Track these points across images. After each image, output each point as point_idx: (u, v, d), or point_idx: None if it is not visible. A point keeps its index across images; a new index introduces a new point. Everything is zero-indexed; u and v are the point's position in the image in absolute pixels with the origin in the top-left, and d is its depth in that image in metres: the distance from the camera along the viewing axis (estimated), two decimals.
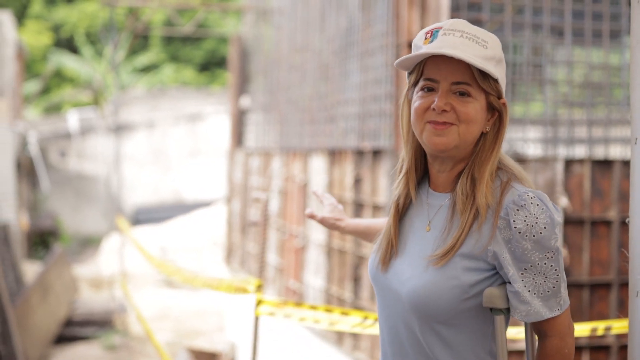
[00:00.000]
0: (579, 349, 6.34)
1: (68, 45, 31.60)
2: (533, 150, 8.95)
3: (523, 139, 7.50)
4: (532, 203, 2.05)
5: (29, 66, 28.95)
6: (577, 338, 6.28)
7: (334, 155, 7.78)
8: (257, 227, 10.30)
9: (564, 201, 6.27)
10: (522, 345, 6.03)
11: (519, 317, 2.10)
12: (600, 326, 3.75)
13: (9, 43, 18.31)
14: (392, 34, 6.73)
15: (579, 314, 6.33)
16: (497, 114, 2.14)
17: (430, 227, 2.16)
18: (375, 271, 2.23)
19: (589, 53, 6.99)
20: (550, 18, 6.84)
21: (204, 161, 24.61)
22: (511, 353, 5.99)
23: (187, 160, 24.67)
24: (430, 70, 2.10)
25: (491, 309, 2.12)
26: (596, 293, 6.38)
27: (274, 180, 9.92)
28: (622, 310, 6.25)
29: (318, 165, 8.15)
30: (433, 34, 2.10)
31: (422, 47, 2.10)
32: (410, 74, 2.18)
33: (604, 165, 6.43)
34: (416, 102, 2.12)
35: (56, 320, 11.48)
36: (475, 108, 2.08)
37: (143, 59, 29.21)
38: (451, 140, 2.08)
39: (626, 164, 6.47)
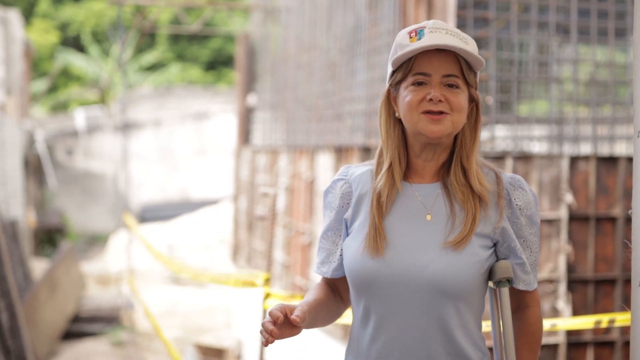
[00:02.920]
0: (583, 345, 6.38)
1: (75, 43, 31.70)
2: (538, 147, 8.99)
3: (529, 137, 7.54)
4: (522, 184, 2.32)
5: (36, 65, 29.05)
6: (581, 332, 6.33)
7: (341, 152, 7.83)
8: (265, 222, 10.36)
9: (569, 198, 6.32)
10: None
11: (523, 287, 2.33)
12: (604, 319, 3.79)
13: (17, 41, 18.39)
14: (398, 31, 6.77)
15: (583, 310, 6.37)
16: (473, 105, 2.32)
17: (432, 216, 2.28)
18: (369, 264, 2.26)
19: (594, 51, 7.03)
20: (556, 16, 6.88)
21: (210, 159, 24.67)
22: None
23: (194, 158, 24.74)
24: (422, 65, 2.24)
25: (498, 282, 2.32)
26: (601, 289, 6.42)
27: (281, 178, 9.98)
28: (627, 303, 6.29)
29: (325, 162, 8.20)
30: (418, 33, 2.24)
31: (411, 45, 2.23)
32: (394, 72, 2.30)
33: (609, 162, 6.47)
34: (408, 96, 2.25)
35: (64, 316, 11.55)
36: (464, 98, 2.25)
37: (150, 57, 29.28)
38: (446, 128, 2.23)
39: (631, 161, 6.50)
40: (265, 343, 2.14)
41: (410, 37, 2.24)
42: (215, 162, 24.54)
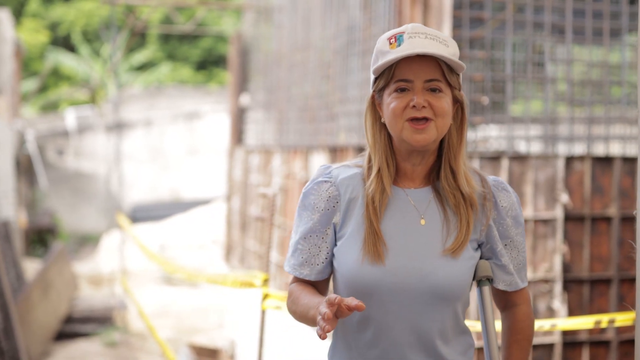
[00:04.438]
0: (579, 345, 6.40)
1: (65, 43, 31.60)
2: (531, 147, 9.01)
3: (525, 137, 7.56)
4: (505, 186, 2.37)
5: (26, 64, 28.94)
6: (576, 332, 6.35)
7: (335, 152, 7.83)
8: (262, 222, 10.35)
9: (564, 198, 6.34)
10: None
11: (503, 287, 2.38)
12: (603, 319, 3.80)
13: (7, 41, 18.32)
14: None
15: (579, 310, 6.39)
16: (458, 106, 2.32)
17: (425, 220, 2.29)
18: (370, 271, 2.25)
19: (589, 51, 7.05)
20: (552, 16, 6.89)
21: (202, 159, 24.63)
22: None
23: (185, 158, 24.70)
24: (403, 71, 2.24)
25: (479, 281, 2.38)
26: (596, 289, 6.45)
27: (274, 178, 9.97)
28: (628, 300, 6.31)
29: (319, 162, 8.20)
30: (397, 39, 2.24)
31: (391, 52, 2.23)
32: (377, 78, 2.30)
33: (604, 162, 6.49)
34: (392, 103, 2.25)
35: (57, 317, 11.52)
36: (447, 102, 2.25)
37: (140, 57, 29.21)
38: (431, 135, 2.23)
39: (626, 161, 6.54)
40: (324, 334, 2.04)
41: (390, 44, 2.24)
42: (207, 162, 24.50)
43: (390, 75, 2.26)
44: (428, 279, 2.24)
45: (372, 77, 2.31)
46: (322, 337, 2.04)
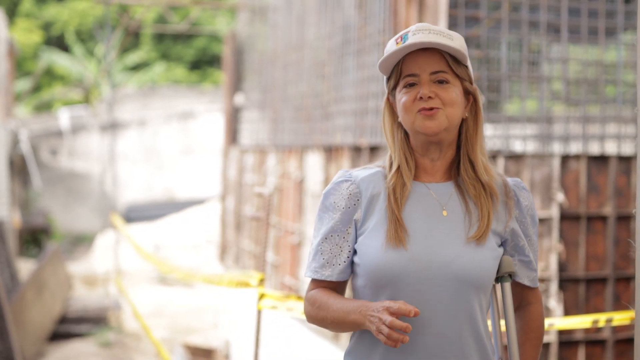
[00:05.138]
0: (574, 344, 6.39)
1: (59, 43, 31.56)
2: (527, 147, 9.01)
3: (521, 136, 7.55)
4: (524, 185, 2.42)
5: (19, 64, 28.90)
6: (572, 331, 6.34)
7: (331, 151, 7.82)
8: (259, 222, 10.33)
9: (560, 197, 6.33)
10: None
11: (527, 282, 2.42)
12: (601, 318, 3.80)
13: (1, 41, 18.27)
14: (389, 31, 6.76)
15: (575, 309, 6.38)
16: (472, 99, 2.37)
17: (447, 212, 2.32)
18: (393, 256, 2.25)
19: (585, 50, 7.04)
20: (547, 15, 6.89)
21: (196, 159, 24.60)
22: None
23: (179, 158, 24.67)
24: (409, 67, 2.31)
25: (500, 278, 2.38)
26: (592, 288, 6.44)
27: (269, 177, 9.96)
28: (624, 299, 6.31)
29: (314, 161, 8.19)
30: (403, 38, 2.31)
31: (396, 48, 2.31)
32: (388, 79, 2.38)
33: (599, 161, 6.49)
34: (403, 98, 2.31)
35: (51, 317, 11.49)
36: (455, 92, 2.29)
37: (134, 57, 29.18)
38: (441, 122, 2.28)
39: (622, 160, 6.53)
40: (398, 344, 2.12)
41: (397, 43, 2.31)
42: (201, 162, 24.48)
43: (399, 73, 2.33)
44: (452, 265, 2.25)
45: (385, 79, 2.39)
46: (397, 346, 2.11)
